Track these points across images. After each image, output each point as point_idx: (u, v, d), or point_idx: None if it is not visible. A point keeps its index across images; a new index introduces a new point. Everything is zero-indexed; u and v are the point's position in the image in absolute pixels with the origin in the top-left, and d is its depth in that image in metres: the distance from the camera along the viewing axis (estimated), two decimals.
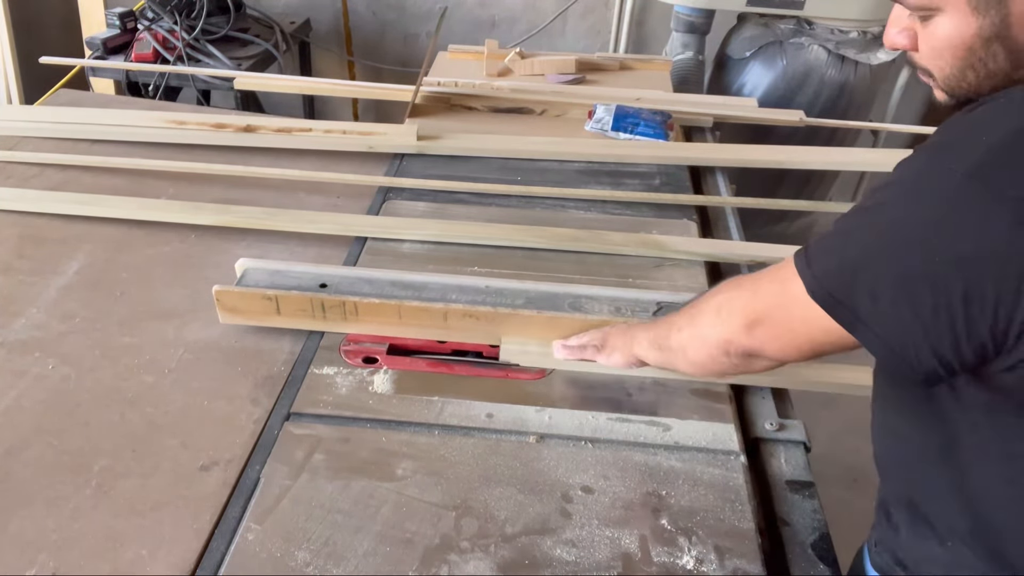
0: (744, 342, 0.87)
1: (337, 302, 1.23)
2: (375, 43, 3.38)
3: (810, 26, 2.59)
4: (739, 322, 0.87)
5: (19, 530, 0.95)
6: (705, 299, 0.94)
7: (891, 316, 0.72)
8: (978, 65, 0.75)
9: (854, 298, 0.74)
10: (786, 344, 0.84)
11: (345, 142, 1.80)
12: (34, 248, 1.45)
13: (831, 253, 0.78)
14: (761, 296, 0.86)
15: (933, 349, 0.71)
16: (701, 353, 0.93)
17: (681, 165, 1.80)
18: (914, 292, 0.70)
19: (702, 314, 0.93)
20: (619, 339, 1.10)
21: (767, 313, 0.84)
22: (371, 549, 0.92)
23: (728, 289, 0.91)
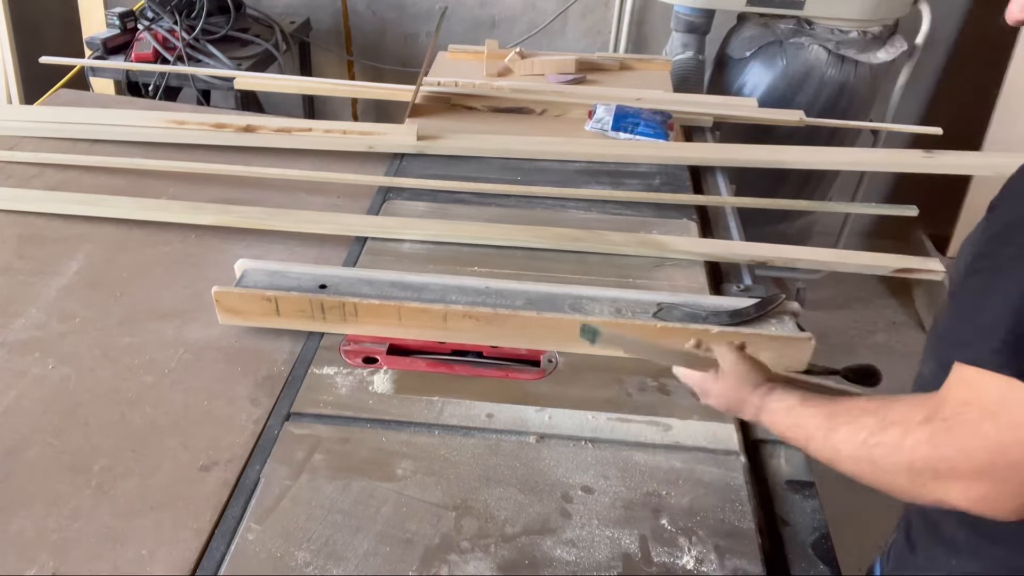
0: (967, 506, 0.67)
1: (337, 303, 1.23)
2: (375, 43, 3.37)
3: (810, 26, 2.59)
4: (957, 491, 0.66)
5: (19, 530, 0.95)
6: (883, 443, 0.71)
7: None
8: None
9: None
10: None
11: (345, 142, 1.80)
12: (34, 248, 1.45)
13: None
14: (971, 451, 0.65)
15: None
16: (899, 493, 0.74)
17: (681, 165, 1.80)
18: None
19: (886, 472, 0.71)
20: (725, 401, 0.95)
21: (990, 465, 0.64)
22: (371, 549, 0.92)
23: (919, 443, 0.68)
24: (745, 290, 1.38)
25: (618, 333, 0.96)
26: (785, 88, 2.59)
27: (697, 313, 1.23)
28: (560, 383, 1.18)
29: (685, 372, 1.00)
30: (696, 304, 1.26)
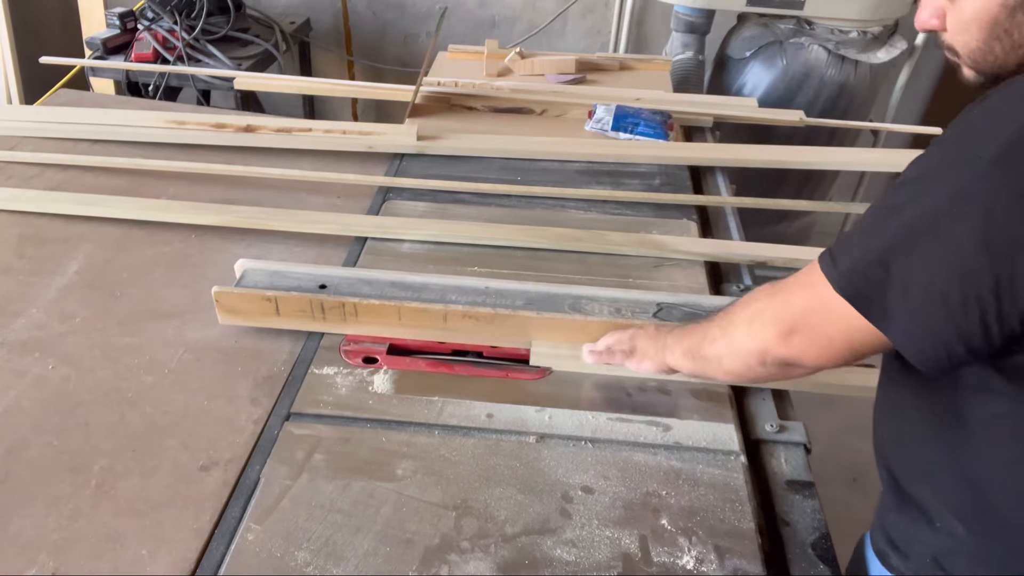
0: (780, 352, 0.86)
1: (336, 303, 1.23)
2: (375, 43, 3.37)
3: (810, 26, 2.59)
4: (773, 332, 0.86)
5: (19, 530, 0.95)
6: (737, 309, 0.94)
7: (923, 311, 0.72)
8: (1003, 37, 0.76)
9: (885, 294, 0.74)
10: (823, 350, 0.83)
11: (345, 142, 1.80)
12: (34, 248, 1.45)
13: (857, 249, 0.78)
14: (793, 304, 0.85)
15: (964, 341, 0.71)
16: (737, 363, 0.93)
17: (681, 165, 1.80)
18: (945, 284, 0.70)
19: (735, 325, 0.92)
20: (649, 346, 1.09)
21: (801, 321, 0.84)
22: (371, 549, 0.92)
23: (760, 298, 0.91)
24: (745, 290, 1.38)
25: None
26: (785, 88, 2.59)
27: (697, 313, 1.23)
28: (560, 383, 1.18)
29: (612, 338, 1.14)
30: (696, 304, 1.26)
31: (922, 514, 0.89)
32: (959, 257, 0.69)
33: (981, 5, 0.76)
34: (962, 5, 0.78)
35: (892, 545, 0.93)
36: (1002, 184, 0.67)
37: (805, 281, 0.83)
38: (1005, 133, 0.68)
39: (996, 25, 0.76)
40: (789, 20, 2.60)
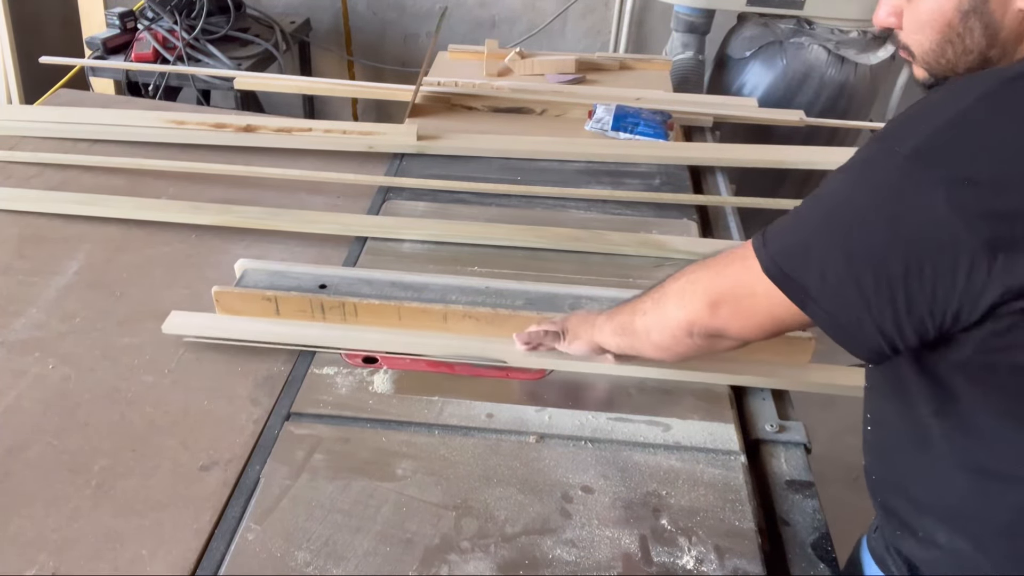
0: (707, 322, 0.88)
1: (336, 303, 1.23)
2: (375, 43, 3.38)
3: (810, 26, 2.59)
4: (702, 302, 0.88)
5: (19, 530, 0.95)
6: (669, 282, 0.95)
7: (838, 293, 0.75)
8: (956, 41, 0.78)
9: (805, 276, 0.77)
10: (748, 322, 0.86)
11: (345, 142, 1.80)
12: (34, 248, 1.45)
13: (785, 233, 0.81)
14: (723, 276, 0.87)
15: (877, 325, 0.74)
16: (665, 335, 0.94)
17: (681, 165, 1.80)
18: (858, 270, 0.73)
19: (666, 296, 0.94)
20: (580, 326, 1.10)
21: (729, 292, 0.86)
22: (371, 549, 0.92)
23: (691, 271, 0.92)
24: None
25: None
26: (785, 88, 2.59)
27: None
28: (560, 383, 1.18)
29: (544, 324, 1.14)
30: None
31: (904, 525, 0.89)
32: (871, 246, 0.72)
33: (936, 7, 0.78)
34: (918, 5, 0.80)
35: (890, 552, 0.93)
36: (914, 178, 0.69)
37: (738, 255, 0.85)
38: (925, 130, 0.70)
39: (950, 28, 0.78)
40: (789, 20, 2.60)
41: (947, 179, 0.68)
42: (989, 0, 0.75)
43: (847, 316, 0.75)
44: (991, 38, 0.76)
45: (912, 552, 0.89)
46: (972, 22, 0.76)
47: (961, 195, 0.67)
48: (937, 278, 0.69)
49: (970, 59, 0.78)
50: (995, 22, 0.76)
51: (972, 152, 0.68)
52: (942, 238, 0.68)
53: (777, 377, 1.19)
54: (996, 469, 0.78)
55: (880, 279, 0.71)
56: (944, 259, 0.68)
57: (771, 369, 1.19)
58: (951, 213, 0.67)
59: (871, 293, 0.72)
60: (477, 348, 1.21)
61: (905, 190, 0.70)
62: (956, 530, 0.83)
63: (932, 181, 0.68)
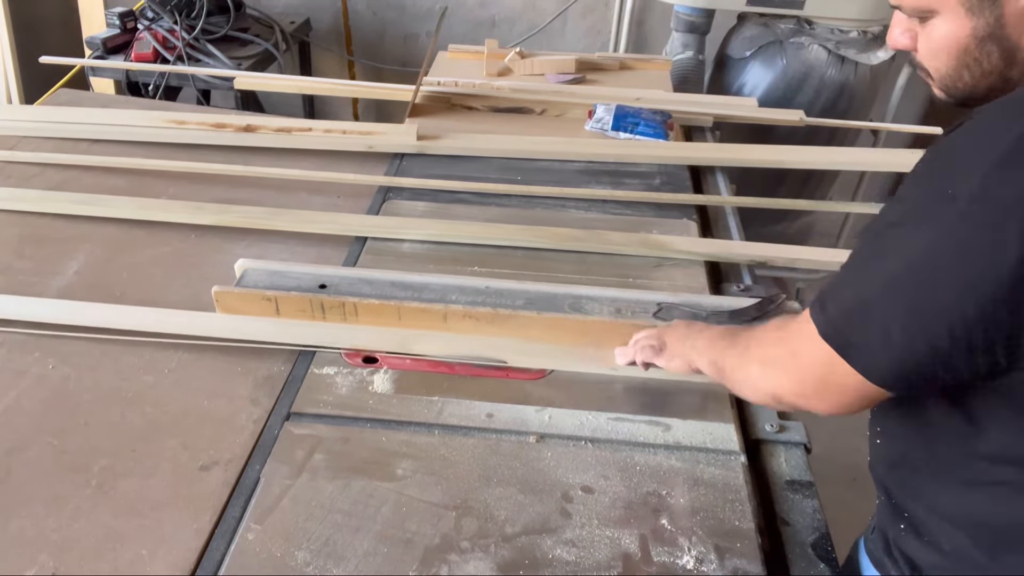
0: (793, 400, 0.86)
1: (337, 303, 1.23)
2: (375, 43, 3.37)
3: (810, 26, 2.58)
4: (784, 384, 0.85)
5: (19, 530, 0.95)
6: (753, 347, 0.91)
7: (904, 349, 0.72)
8: (973, 65, 0.76)
9: (867, 335, 0.74)
10: (836, 401, 0.82)
11: (345, 142, 1.80)
12: (34, 248, 1.45)
13: (842, 292, 0.77)
14: (800, 358, 0.82)
15: (951, 372, 0.72)
16: (756, 395, 0.93)
17: (681, 165, 1.80)
18: (928, 324, 0.70)
19: (750, 363, 0.91)
20: (679, 346, 1.07)
21: (810, 375, 0.82)
22: (371, 549, 0.92)
23: (770, 343, 0.89)
24: (745, 290, 1.38)
25: None
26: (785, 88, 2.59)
27: (697, 313, 1.23)
28: (560, 383, 1.18)
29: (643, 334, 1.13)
30: (696, 304, 1.26)
31: (911, 526, 0.89)
32: (941, 299, 0.69)
33: (951, 32, 0.76)
34: (931, 31, 0.77)
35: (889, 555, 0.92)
36: (975, 225, 0.67)
37: (807, 332, 0.80)
38: (979, 168, 0.67)
39: (966, 54, 0.76)
40: (789, 20, 2.60)
41: (1015, 217, 0.65)
42: (1005, 24, 0.73)
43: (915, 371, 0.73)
44: (1009, 60, 0.74)
45: (915, 553, 0.89)
46: (989, 47, 0.74)
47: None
48: (1015, 316, 0.67)
49: (990, 80, 0.76)
50: (1013, 44, 0.74)
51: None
52: (1016, 277, 0.65)
53: None
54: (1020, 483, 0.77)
55: (956, 331, 0.69)
56: (1020, 297, 0.66)
57: None
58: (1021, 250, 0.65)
59: (945, 345, 0.70)
60: (477, 348, 1.21)
61: (969, 238, 0.67)
62: (971, 537, 0.82)
63: (998, 224, 0.65)
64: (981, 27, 0.74)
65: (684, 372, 1.08)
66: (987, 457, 0.79)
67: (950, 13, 0.75)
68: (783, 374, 0.85)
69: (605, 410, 1.13)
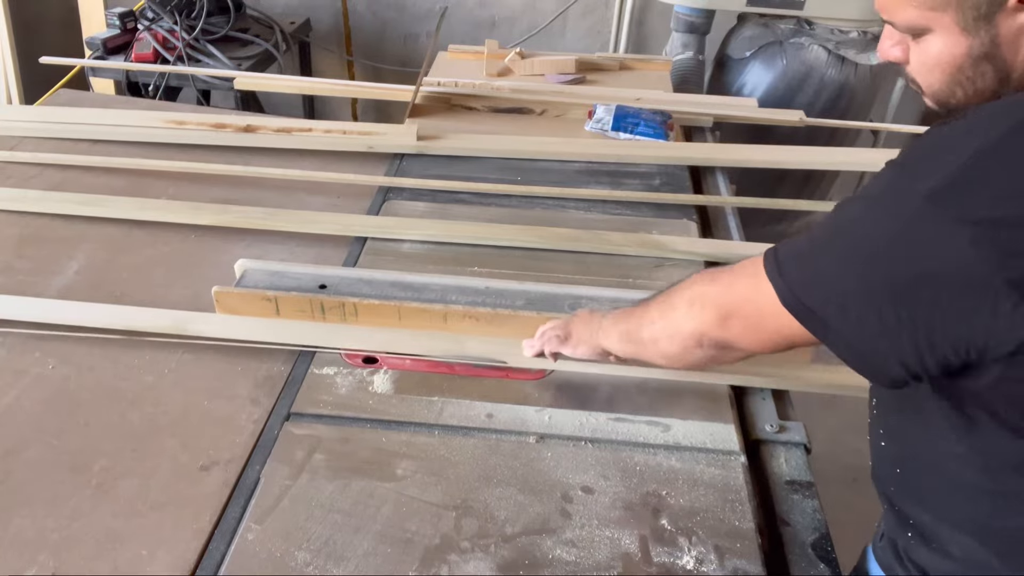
0: (717, 335, 0.88)
1: (336, 303, 1.23)
2: (375, 43, 3.37)
3: (810, 26, 2.59)
4: (712, 315, 0.87)
5: (19, 530, 0.95)
6: (677, 291, 0.94)
7: (859, 326, 0.74)
8: (966, 83, 0.76)
9: (824, 308, 0.76)
10: (758, 338, 0.85)
11: (345, 142, 1.80)
12: (34, 248, 1.45)
13: (802, 262, 0.79)
14: (734, 291, 0.86)
15: (899, 359, 0.73)
16: (674, 345, 0.93)
17: (681, 165, 1.80)
18: (880, 307, 0.72)
19: (674, 308, 0.93)
20: (584, 330, 1.09)
21: (740, 308, 0.85)
22: (371, 549, 0.92)
23: (701, 282, 0.91)
24: None
25: None
26: (785, 88, 2.59)
27: None
28: (560, 383, 1.18)
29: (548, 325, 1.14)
30: None
31: (918, 533, 0.88)
32: (893, 285, 0.70)
33: (945, 50, 0.75)
34: (925, 47, 0.77)
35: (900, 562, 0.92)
36: (936, 220, 0.67)
37: (750, 271, 0.83)
38: (947, 166, 0.68)
39: (959, 72, 0.75)
40: (789, 20, 2.60)
41: (971, 220, 0.66)
42: (1000, 44, 0.72)
43: (868, 348, 0.74)
44: (1003, 80, 0.74)
45: (926, 561, 0.88)
46: (984, 66, 0.74)
47: (986, 236, 0.65)
48: (961, 317, 0.67)
49: (982, 98, 0.76)
50: (1007, 64, 0.73)
51: (998, 190, 0.66)
52: (966, 279, 0.66)
53: (777, 377, 1.19)
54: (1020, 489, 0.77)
55: (902, 315, 0.70)
56: (968, 299, 0.67)
57: (771, 369, 1.19)
58: (976, 254, 0.65)
59: (893, 327, 0.71)
60: (477, 348, 1.21)
61: (927, 232, 0.68)
62: (982, 543, 0.82)
63: (955, 222, 0.66)
64: (976, 47, 0.73)
65: (591, 357, 1.09)
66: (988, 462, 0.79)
67: (945, 31, 0.74)
68: (711, 307, 0.87)
69: (605, 410, 1.13)
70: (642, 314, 0.99)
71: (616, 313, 1.05)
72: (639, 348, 1.00)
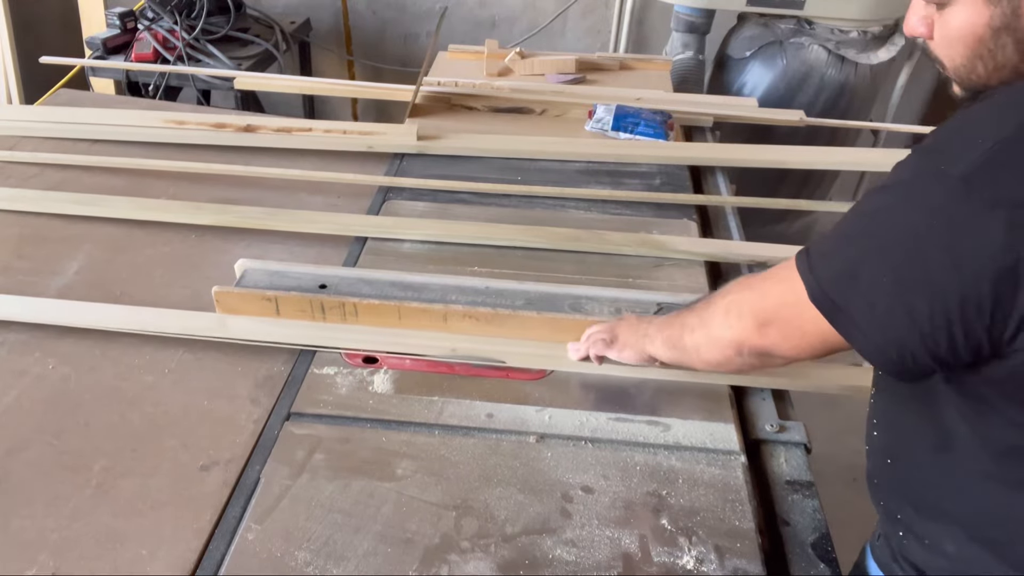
0: (756, 342, 0.88)
1: (336, 303, 1.23)
2: (375, 43, 3.37)
3: (810, 26, 2.59)
4: (750, 324, 0.88)
5: (19, 530, 0.95)
6: (715, 300, 0.95)
7: (888, 322, 0.74)
8: (987, 56, 0.76)
9: (852, 302, 0.76)
10: (797, 343, 0.85)
11: (345, 142, 1.80)
12: (34, 248, 1.45)
13: (832, 257, 0.79)
14: (769, 298, 0.87)
15: (930, 352, 0.73)
16: (715, 353, 0.95)
17: (681, 165, 1.80)
18: (911, 298, 0.71)
19: (713, 316, 0.94)
20: (630, 335, 1.10)
21: (776, 314, 0.85)
22: (371, 549, 0.92)
23: (737, 290, 0.92)
24: None
25: None
26: (785, 88, 2.59)
27: None
28: (560, 383, 1.18)
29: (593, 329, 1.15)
30: None
31: (909, 531, 0.89)
32: (926, 272, 0.70)
33: (967, 21, 0.76)
34: (948, 18, 0.78)
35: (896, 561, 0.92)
36: (970, 204, 0.67)
37: (783, 276, 0.84)
38: (977, 149, 0.68)
39: (980, 44, 0.76)
40: (789, 20, 2.60)
41: (1006, 203, 0.66)
42: (1021, 16, 0.73)
43: (897, 347, 0.74)
44: (1023, 54, 0.74)
45: (921, 559, 0.88)
46: (1004, 39, 0.74)
47: (1021, 218, 0.65)
48: (996, 303, 0.68)
49: (1003, 74, 0.76)
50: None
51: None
52: (1002, 264, 0.66)
53: (777, 377, 1.19)
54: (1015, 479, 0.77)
55: (935, 307, 0.70)
56: (1004, 285, 0.67)
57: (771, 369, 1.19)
58: (1011, 237, 0.65)
59: (925, 321, 0.71)
60: (477, 348, 1.21)
61: (960, 216, 0.67)
62: (975, 537, 0.82)
63: (989, 206, 0.66)
64: (998, 17, 0.74)
65: (636, 362, 1.11)
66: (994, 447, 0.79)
67: (968, 1, 0.75)
68: (748, 315, 0.88)
69: (605, 410, 1.13)
70: (684, 321, 1.00)
71: (661, 319, 1.07)
72: (683, 355, 1.01)
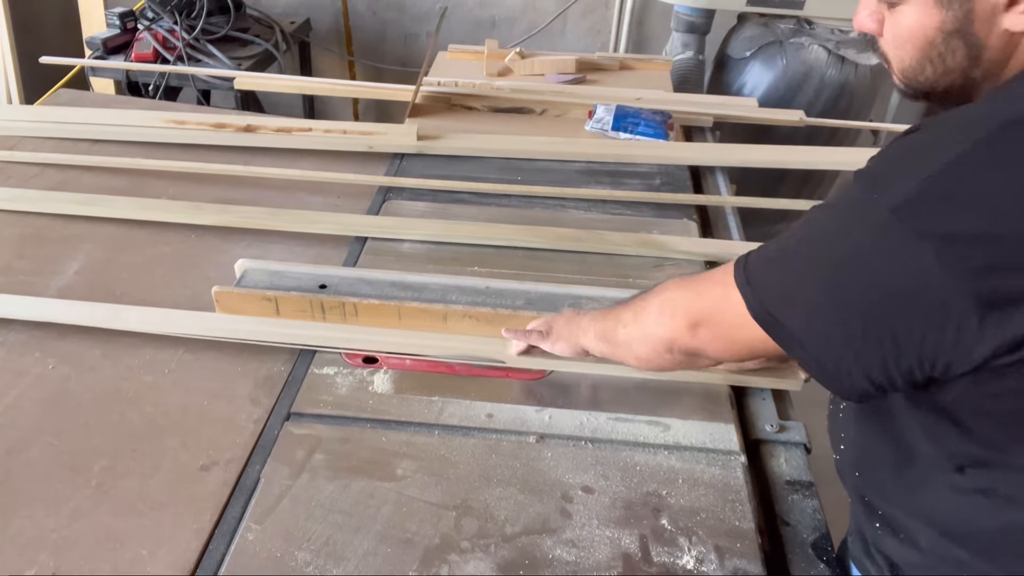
0: (686, 342, 0.88)
1: (336, 303, 1.23)
2: (375, 43, 3.37)
3: (810, 26, 2.59)
4: (682, 323, 0.88)
5: (19, 530, 0.95)
6: (651, 296, 0.94)
7: (826, 339, 0.74)
8: (936, 59, 0.75)
9: (791, 320, 0.76)
10: (726, 347, 0.86)
11: (345, 142, 1.80)
12: (34, 248, 1.45)
13: (770, 272, 0.79)
14: (704, 299, 0.86)
15: (864, 372, 0.73)
16: (646, 349, 0.94)
17: (681, 165, 1.80)
18: (845, 320, 0.72)
19: (647, 312, 0.93)
20: (564, 328, 1.10)
21: (709, 316, 0.85)
22: (371, 549, 0.92)
23: (673, 288, 0.91)
24: None
25: None
26: (785, 88, 2.59)
27: None
28: (560, 383, 1.18)
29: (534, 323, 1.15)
30: None
31: (886, 524, 0.88)
32: (859, 296, 0.70)
33: (917, 22, 0.74)
34: (899, 18, 0.76)
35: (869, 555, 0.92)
36: (900, 236, 0.67)
37: (721, 279, 0.83)
38: (913, 179, 0.67)
39: (931, 47, 0.74)
40: (789, 20, 2.60)
41: (936, 236, 0.65)
42: (974, 20, 0.71)
43: (834, 362, 0.74)
44: (974, 59, 0.73)
45: (894, 552, 0.88)
46: (955, 43, 0.73)
47: (951, 252, 0.65)
48: (926, 333, 0.67)
49: (951, 78, 0.75)
50: (979, 43, 0.72)
51: (965, 205, 0.65)
52: (931, 295, 0.66)
53: (777, 377, 1.19)
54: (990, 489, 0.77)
55: (868, 330, 0.70)
56: (934, 316, 0.66)
57: (771, 369, 1.19)
58: (941, 271, 0.65)
59: (859, 342, 0.71)
60: (477, 348, 1.21)
61: (892, 247, 0.67)
62: (953, 540, 0.82)
63: (919, 238, 0.66)
64: (949, 21, 0.72)
65: (569, 354, 1.10)
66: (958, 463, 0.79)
67: (919, 2, 0.74)
68: (681, 315, 0.88)
69: (605, 410, 1.13)
70: (618, 315, 0.99)
71: (596, 312, 1.06)
72: (615, 349, 1.01)
